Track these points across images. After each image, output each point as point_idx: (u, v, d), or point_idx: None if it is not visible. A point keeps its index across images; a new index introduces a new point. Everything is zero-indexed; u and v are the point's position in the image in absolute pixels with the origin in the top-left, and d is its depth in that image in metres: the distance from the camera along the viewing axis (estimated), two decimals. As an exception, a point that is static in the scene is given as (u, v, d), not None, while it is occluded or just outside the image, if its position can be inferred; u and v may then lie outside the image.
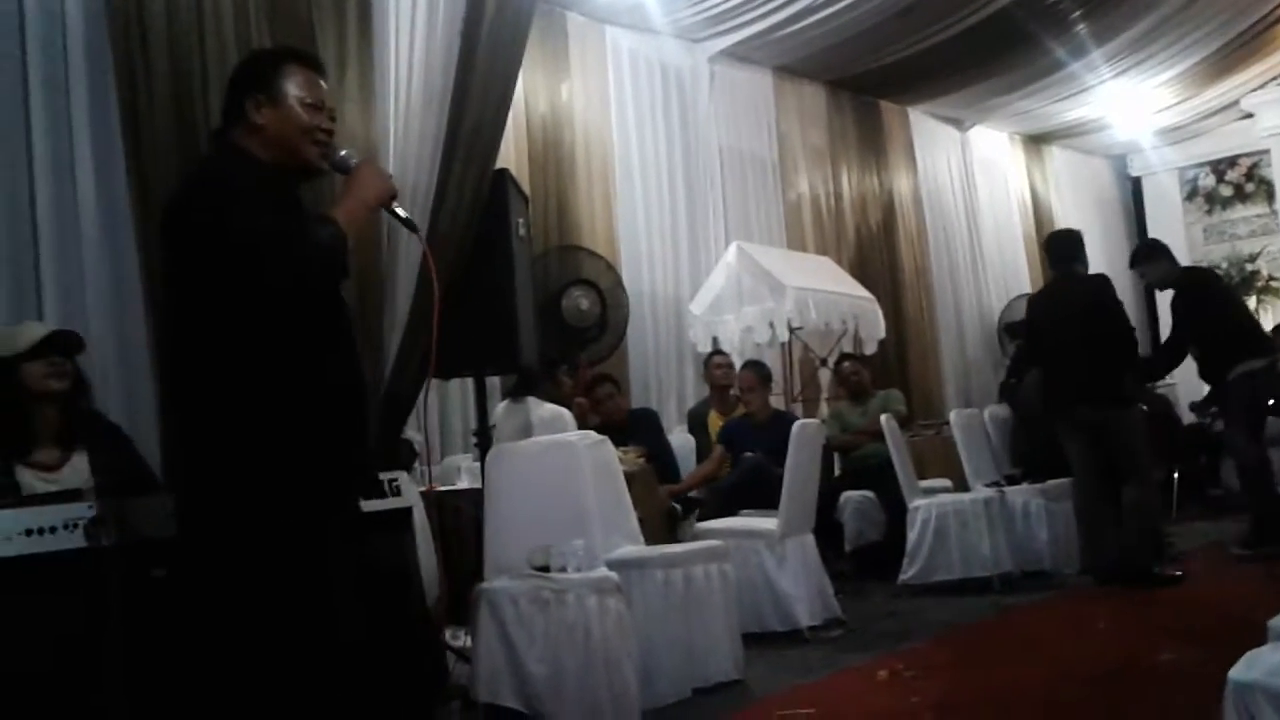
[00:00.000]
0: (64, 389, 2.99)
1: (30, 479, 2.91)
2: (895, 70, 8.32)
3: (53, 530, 2.43)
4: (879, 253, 8.89)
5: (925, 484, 6.00)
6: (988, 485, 5.88)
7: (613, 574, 3.46)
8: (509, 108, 4.03)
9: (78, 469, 2.97)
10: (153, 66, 3.71)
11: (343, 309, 2.29)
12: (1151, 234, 11.92)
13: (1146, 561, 5.19)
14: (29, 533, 2.41)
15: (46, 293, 3.94)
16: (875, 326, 7.33)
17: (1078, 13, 7.71)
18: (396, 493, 3.22)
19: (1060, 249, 5.73)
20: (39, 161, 3.99)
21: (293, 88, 2.29)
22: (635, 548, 3.95)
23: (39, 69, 4.02)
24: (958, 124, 10.06)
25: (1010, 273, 10.28)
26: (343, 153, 2.37)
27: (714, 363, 6.52)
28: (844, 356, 7.09)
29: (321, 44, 3.79)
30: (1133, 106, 10.11)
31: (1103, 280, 5.51)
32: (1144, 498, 5.25)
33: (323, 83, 2.38)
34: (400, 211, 2.39)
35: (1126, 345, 5.37)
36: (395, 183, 3.71)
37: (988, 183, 10.40)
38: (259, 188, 2.19)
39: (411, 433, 4.98)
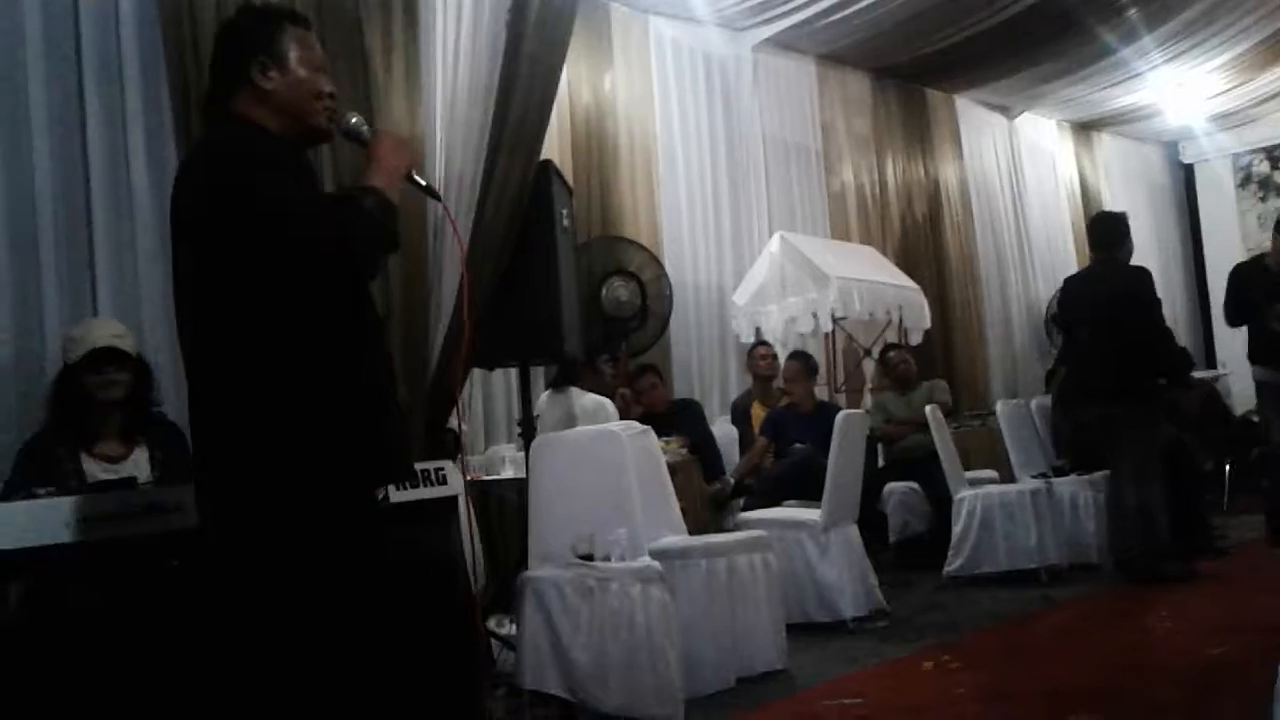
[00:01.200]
0: (118, 397, 3.08)
1: (94, 468, 3.01)
2: (942, 57, 8.23)
3: (106, 518, 2.48)
4: (924, 242, 8.82)
5: (971, 475, 5.95)
6: (1035, 476, 5.83)
7: (656, 563, 3.47)
8: (554, 99, 4.03)
9: (138, 462, 3.08)
10: (203, 62, 3.73)
11: (372, 303, 2.19)
12: (1204, 222, 11.75)
13: (1151, 560, 5.07)
14: (84, 520, 2.46)
15: (101, 285, 4.03)
16: (920, 317, 7.28)
17: (1129, -3, 7.58)
18: (442, 481, 3.24)
19: (1103, 232, 5.50)
20: (94, 156, 4.07)
21: (295, 49, 2.15)
22: (678, 537, 3.96)
23: (93, 66, 4.10)
24: (1005, 111, 9.94)
25: (1058, 262, 10.14)
26: (353, 119, 2.25)
27: (757, 353, 6.51)
28: (890, 346, 7.05)
29: (368, 37, 3.82)
30: (1185, 92, 9.91)
31: (1140, 272, 5.34)
32: (1145, 497, 5.09)
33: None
34: (420, 180, 2.28)
35: (1154, 343, 5.24)
36: (441, 174, 3.80)
37: (1036, 171, 10.28)
38: (278, 158, 2.08)
39: (456, 422, 5.04)
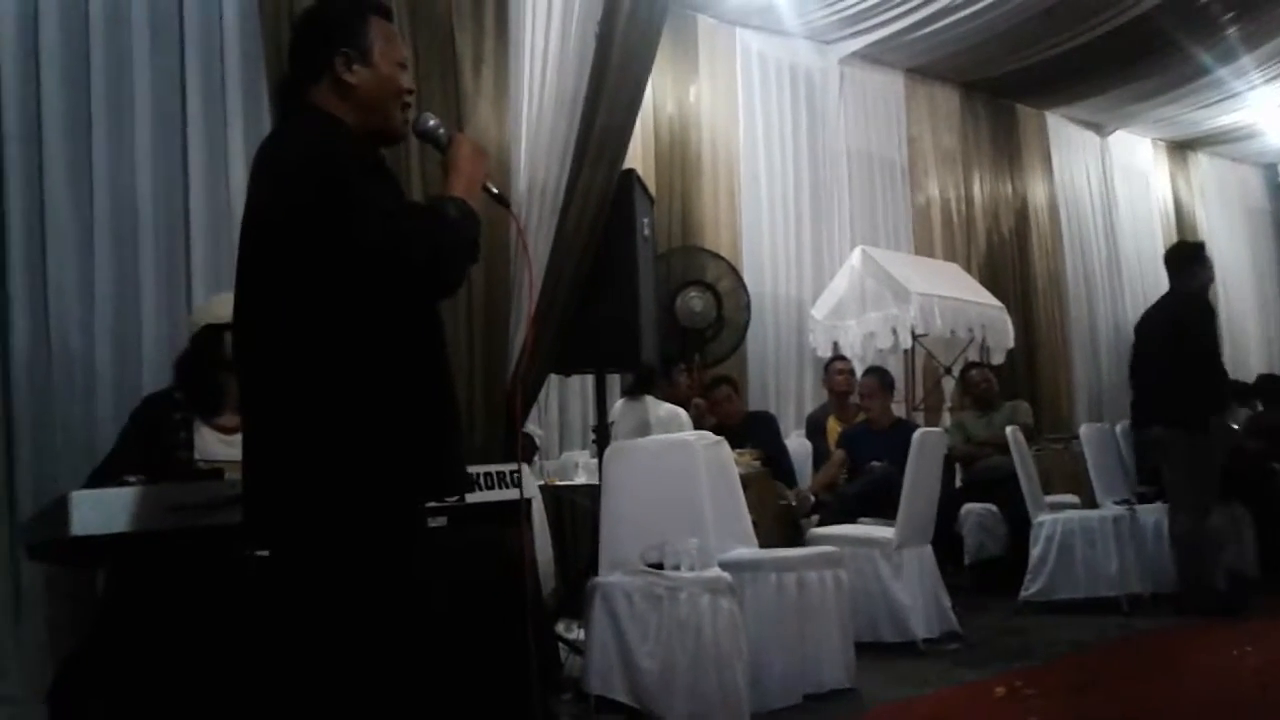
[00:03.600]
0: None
1: (209, 437, 3.07)
2: (1033, 73, 8.11)
3: (193, 508, 2.53)
4: (1010, 260, 8.68)
5: (1051, 499, 5.83)
6: (1118, 503, 5.68)
7: (726, 574, 3.46)
8: (639, 109, 4.07)
9: None
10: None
11: (436, 312, 2.11)
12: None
13: (1203, 594, 5.07)
14: (175, 509, 2.52)
15: (196, 279, 4.16)
16: (1004, 335, 7.16)
17: (1228, 15, 7.37)
18: (516, 485, 3.27)
19: (1169, 260, 5.62)
20: (193, 153, 4.22)
21: (380, 42, 2.08)
22: (749, 550, 3.95)
23: (195, 66, 4.25)
24: (1098, 129, 9.75)
25: (1150, 283, 9.85)
26: (431, 122, 2.18)
27: (834, 368, 6.46)
28: (972, 364, 6.95)
29: (459, 44, 3.89)
30: (1285, 113, 9.64)
31: (1191, 300, 5.38)
32: (1189, 528, 5.14)
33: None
34: (494, 189, 2.21)
35: (1198, 370, 5.19)
36: (525, 182, 3.85)
37: (1128, 190, 10.06)
38: (363, 158, 2.01)
39: (532, 427, 5.10)
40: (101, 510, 2.44)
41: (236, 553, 2.41)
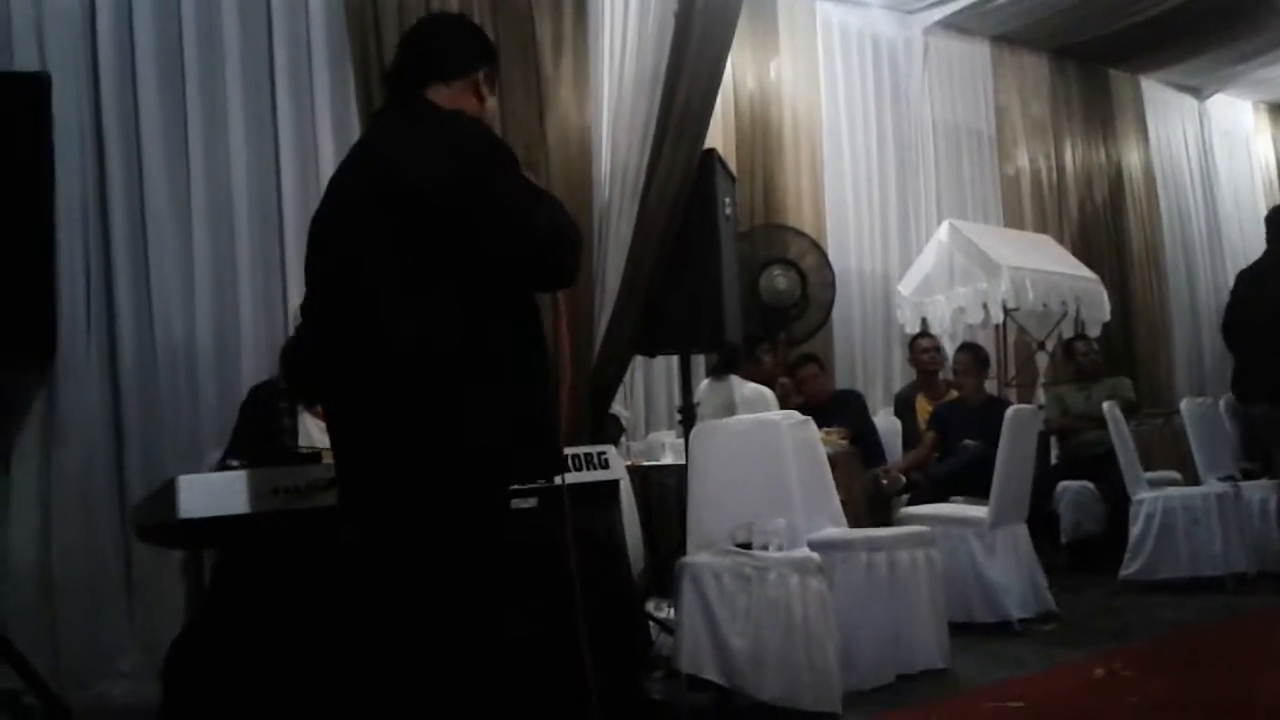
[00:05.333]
0: None
1: (311, 425, 3.20)
2: (1127, 36, 7.85)
3: (298, 490, 2.62)
4: (1104, 230, 8.43)
5: (1151, 476, 5.67)
6: (1221, 479, 5.50)
7: (815, 554, 3.44)
8: (719, 88, 4.04)
9: None
10: (387, 59, 3.93)
11: (539, 307, 2.15)
12: None
13: None
14: (276, 492, 2.61)
15: (290, 270, 4.27)
16: (1099, 308, 6.98)
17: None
18: (604, 466, 3.30)
19: (1273, 224, 5.35)
20: (284, 146, 4.32)
21: (496, 84, 2.26)
22: (838, 529, 3.92)
23: (285, 65, 4.35)
24: (1195, 92, 9.41)
25: (1252, 251, 9.36)
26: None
27: (919, 346, 6.36)
28: (1077, 336, 6.82)
29: (539, 29, 3.92)
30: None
31: None
32: None
33: None
34: None
35: None
36: (607, 163, 3.87)
37: (1228, 155, 9.70)
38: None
39: (619, 408, 5.12)
40: (207, 493, 2.54)
41: (335, 533, 2.47)
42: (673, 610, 3.63)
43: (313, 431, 3.16)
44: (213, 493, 2.54)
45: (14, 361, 3.56)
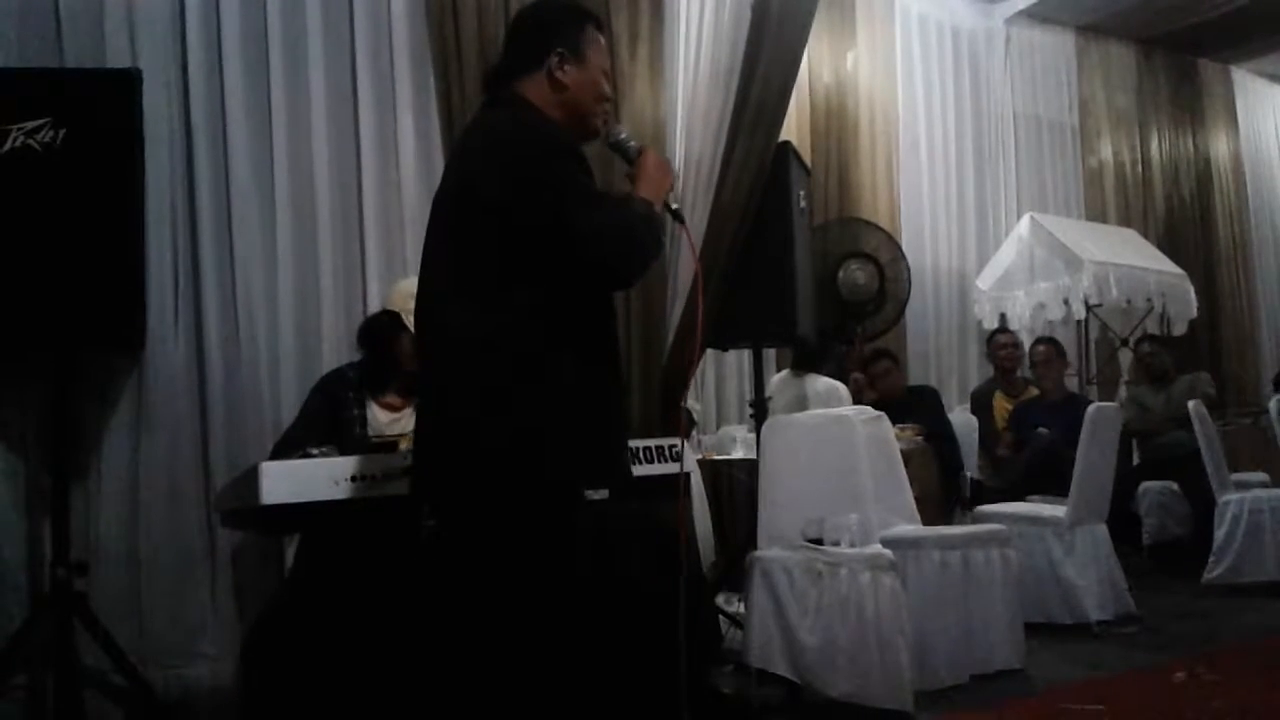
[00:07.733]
0: (400, 352, 3.22)
1: (378, 413, 3.24)
2: (1217, 25, 7.64)
3: (374, 478, 2.66)
4: (1191, 225, 8.20)
5: (1237, 477, 5.52)
6: (1313, 481, 5.34)
7: (887, 551, 3.41)
8: (794, 81, 4.01)
9: (411, 419, 3.23)
10: (465, 59, 4.02)
11: (613, 308, 2.21)
12: None
13: None
14: (355, 479, 2.66)
15: (370, 263, 4.34)
16: (1185, 305, 6.80)
17: None
18: (675, 459, 3.30)
19: None
20: (365, 139, 4.39)
21: (593, 49, 2.22)
22: (911, 526, 3.88)
23: (367, 62, 4.41)
24: (1289, 82, 9.10)
25: (1347, 248, 9.20)
26: (623, 134, 2.30)
27: (997, 342, 6.25)
28: (1146, 337, 6.63)
29: (615, 22, 3.93)
30: None
31: None
32: None
33: None
34: (673, 204, 2.29)
35: None
36: (681, 156, 3.86)
37: (1324, 146, 9.35)
38: (577, 152, 2.10)
39: (690, 401, 5.12)
40: (288, 480, 2.58)
41: (410, 521, 2.52)
42: (743, 604, 3.62)
43: (380, 419, 3.20)
44: (294, 479, 2.59)
45: (106, 352, 3.67)
